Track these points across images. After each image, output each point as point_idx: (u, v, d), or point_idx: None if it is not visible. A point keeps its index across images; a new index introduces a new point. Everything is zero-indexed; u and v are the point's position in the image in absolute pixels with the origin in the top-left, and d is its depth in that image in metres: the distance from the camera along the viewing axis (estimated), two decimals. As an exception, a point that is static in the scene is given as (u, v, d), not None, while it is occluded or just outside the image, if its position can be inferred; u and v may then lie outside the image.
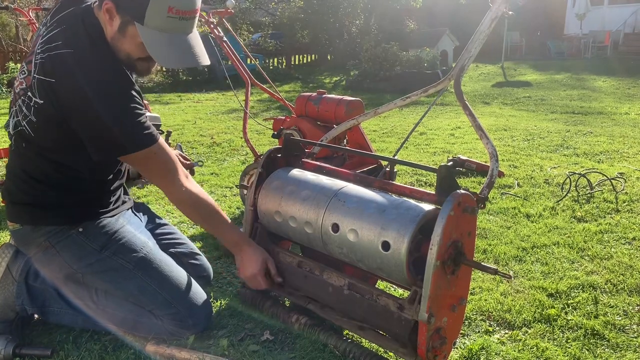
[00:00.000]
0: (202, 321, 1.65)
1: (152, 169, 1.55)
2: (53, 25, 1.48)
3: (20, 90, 1.49)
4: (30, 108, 1.45)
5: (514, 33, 16.66)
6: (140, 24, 1.37)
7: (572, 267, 2.16)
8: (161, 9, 1.35)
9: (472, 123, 1.67)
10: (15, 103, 1.52)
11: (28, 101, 1.45)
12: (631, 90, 9.13)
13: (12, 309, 1.62)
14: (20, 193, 1.57)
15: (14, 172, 1.58)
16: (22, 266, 1.63)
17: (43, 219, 1.56)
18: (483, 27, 1.80)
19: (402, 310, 1.37)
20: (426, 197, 1.46)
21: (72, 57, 1.39)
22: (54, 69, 1.39)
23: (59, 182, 1.55)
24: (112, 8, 1.39)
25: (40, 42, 1.47)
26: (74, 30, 1.43)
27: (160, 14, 1.36)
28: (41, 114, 1.43)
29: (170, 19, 1.37)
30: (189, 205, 1.62)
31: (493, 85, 10.23)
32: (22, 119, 1.48)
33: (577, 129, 5.46)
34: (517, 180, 3.42)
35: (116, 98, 1.41)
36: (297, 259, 1.67)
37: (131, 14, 1.37)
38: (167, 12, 1.36)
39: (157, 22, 1.37)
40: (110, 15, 1.40)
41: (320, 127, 2.75)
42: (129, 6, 1.37)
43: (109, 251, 1.59)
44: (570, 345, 1.62)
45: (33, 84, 1.43)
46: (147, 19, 1.36)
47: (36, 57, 1.45)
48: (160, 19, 1.37)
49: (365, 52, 10.74)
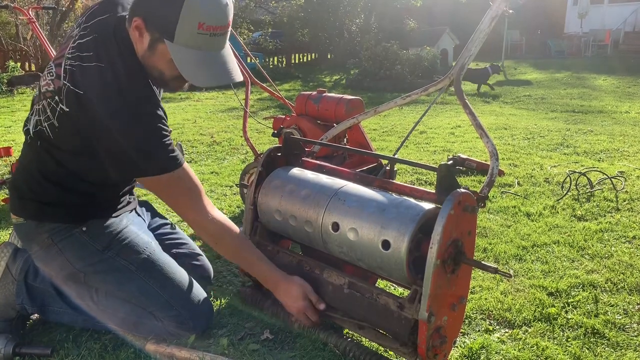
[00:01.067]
0: (203, 323, 1.65)
1: (174, 194, 1.49)
2: (87, 31, 1.45)
3: (47, 92, 1.46)
4: (55, 112, 1.43)
5: (514, 32, 16.66)
6: (170, 42, 1.34)
7: (572, 266, 2.16)
8: (191, 25, 1.31)
9: (472, 122, 1.67)
10: (40, 102, 1.49)
11: (54, 105, 1.43)
12: (631, 89, 9.12)
13: (13, 308, 1.62)
14: (28, 190, 1.56)
15: (28, 169, 1.57)
16: (22, 265, 1.63)
17: (47, 216, 1.56)
18: (483, 26, 1.80)
19: (402, 309, 1.37)
20: (426, 196, 1.46)
21: (102, 72, 1.36)
22: (84, 81, 1.37)
23: (72, 186, 1.53)
24: (141, 25, 1.36)
25: (72, 45, 1.44)
26: (106, 43, 1.40)
27: (190, 31, 1.32)
28: (65, 121, 1.41)
29: (200, 36, 1.33)
30: (214, 235, 1.56)
31: (493, 84, 10.22)
32: (44, 120, 1.46)
33: (577, 128, 5.45)
34: (518, 179, 3.42)
35: (141, 120, 1.37)
36: (297, 258, 1.67)
37: (161, 31, 1.34)
38: (197, 29, 1.31)
39: (187, 39, 1.33)
40: (140, 33, 1.37)
41: (320, 126, 2.75)
42: (159, 23, 1.34)
43: (112, 252, 1.58)
44: (571, 344, 1.61)
45: (62, 91, 1.40)
46: (177, 36, 1.32)
47: (66, 62, 1.42)
48: (190, 35, 1.32)
49: (365, 50, 10.74)
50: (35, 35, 5.50)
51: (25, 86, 9.37)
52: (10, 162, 4.06)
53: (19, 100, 8.37)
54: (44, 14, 11.16)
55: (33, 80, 9.36)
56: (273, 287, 1.61)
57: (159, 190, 1.50)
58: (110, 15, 1.47)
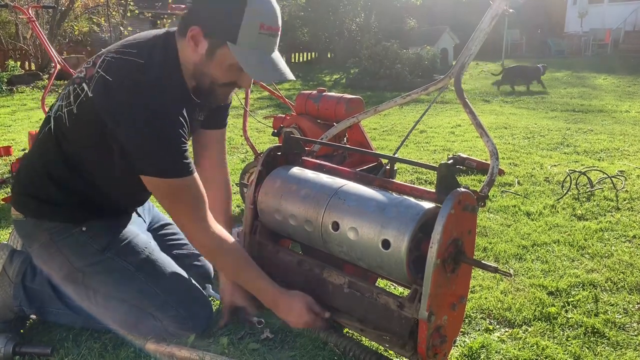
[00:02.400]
0: (203, 323, 1.65)
1: (178, 201, 1.46)
2: (135, 38, 1.50)
3: (77, 78, 1.48)
4: (77, 98, 1.43)
5: (514, 31, 16.65)
6: (233, 44, 1.37)
7: (572, 265, 2.16)
8: (254, 26, 1.35)
9: (472, 121, 1.67)
10: (67, 87, 1.50)
11: (79, 91, 1.43)
12: (631, 88, 9.12)
13: (11, 310, 1.62)
14: (30, 185, 1.56)
15: (33, 164, 1.57)
16: (19, 267, 1.62)
17: (46, 214, 1.56)
18: (483, 25, 1.79)
19: (402, 309, 1.37)
20: (426, 195, 1.46)
21: (138, 67, 1.38)
22: (119, 69, 1.39)
23: (74, 187, 1.53)
24: (199, 33, 1.38)
25: (119, 45, 1.48)
26: (152, 47, 1.44)
27: (253, 31, 1.35)
28: (85, 108, 1.41)
29: (261, 36, 1.37)
30: (212, 252, 1.56)
31: (493, 83, 10.22)
32: (65, 105, 1.46)
33: (577, 127, 5.45)
34: (518, 179, 3.42)
35: (156, 119, 1.36)
36: (297, 258, 1.66)
37: (223, 35, 1.36)
38: (259, 29, 1.36)
39: (250, 39, 1.36)
40: (196, 42, 1.39)
41: (320, 125, 2.75)
42: (220, 28, 1.37)
43: (111, 252, 1.58)
44: (571, 344, 1.61)
45: (93, 77, 1.41)
46: (240, 37, 1.35)
47: (108, 54, 1.45)
48: (254, 36, 1.36)
49: (365, 50, 10.73)
50: (35, 34, 5.49)
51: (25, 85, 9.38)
52: (10, 161, 4.05)
53: (19, 99, 8.37)
54: (44, 13, 11.14)
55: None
56: (273, 306, 1.58)
57: (164, 195, 1.47)
58: (160, 30, 1.52)
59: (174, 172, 1.41)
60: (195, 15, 1.40)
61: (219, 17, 1.36)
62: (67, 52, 11.63)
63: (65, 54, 11.02)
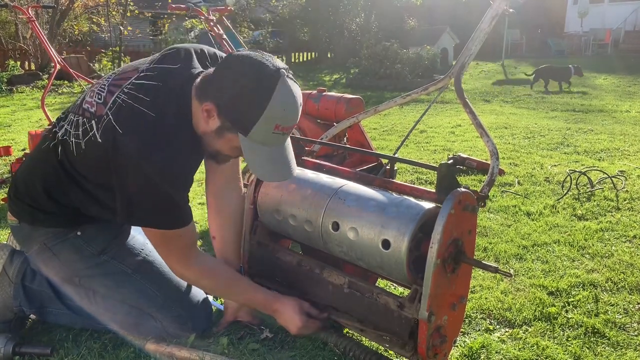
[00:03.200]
0: (203, 323, 1.64)
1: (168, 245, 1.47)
2: (154, 73, 1.42)
3: (87, 112, 1.42)
4: (86, 135, 1.39)
5: (514, 31, 16.65)
6: (244, 136, 1.32)
7: (572, 265, 2.16)
8: (269, 126, 1.29)
9: (472, 121, 1.67)
10: (77, 115, 1.45)
11: (88, 129, 1.39)
12: (632, 88, 9.12)
13: (10, 310, 1.61)
14: (26, 194, 1.54)
15: (32, 176, 1.53)
16: (19, 267, 1.62)
17: (42, 221, 1.54)
18: (483, 25, 1.79)
19: (402, 309, 1.37)
20: (426, 195, 1.46)
21: (148, 122, 1.33)
22: (127, 122, 1.34)
23: (71, 202, 1.50)
24: (213, 110, 1.32)
25: (134, 81, 1.41)
26: (166, 97, 1.37)
27: (266, 131, 1.30)
28: (92, 148, 1.38)
29: (274, 135, 1.33)
30: (196, 281, 1.57)
31: (493, 83, 10.22)
32: (73, 136, 1.43)
33: (577, 127, 5.45)
34: (518, 179, 3.42)
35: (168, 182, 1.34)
36: (297, 258, 1.66)
37: (236, 125, 1.31)
38: (274, 130, 1.30)
39: (262, 137, 1.32)
40: (209, 115, 1.33)
41: (320, 125, 2.75)
42: (235, 118, 1.30)
43: (108, 255, 1.57)
44: (571, 344, 1.61)
45: (102, 120, 1.37)
46: (253, 133, 1.30)
47: (120, 95, 1.38)
48: (266, 135, 1.31)
49: (365, 49, 10.74)
50: (35, 34, 5.49)
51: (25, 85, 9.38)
52: (9, 161, 4.05)
53: (19, 99, 8.37)
54: (44, 12, 11.14)
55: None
56: (271, 312, 1.59)
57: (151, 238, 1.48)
58: (182, 67, 1.43)
59: (169, 225, 1.40)
60: (216, 91, 1.31)
61: (237, 108, 1.29)
62: (66, 52, 11.63)
63: (65, 54, 11.01)
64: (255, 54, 1.31)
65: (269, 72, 1.27)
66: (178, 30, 13.61)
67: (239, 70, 1.29)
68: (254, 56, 1.30)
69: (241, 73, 1.28)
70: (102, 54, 12.53)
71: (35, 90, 9.40)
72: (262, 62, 1.28)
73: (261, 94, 1.26)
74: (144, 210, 1.37)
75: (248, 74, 1.27)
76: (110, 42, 12.97)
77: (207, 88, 1.34)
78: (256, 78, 1.26)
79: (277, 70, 1.27)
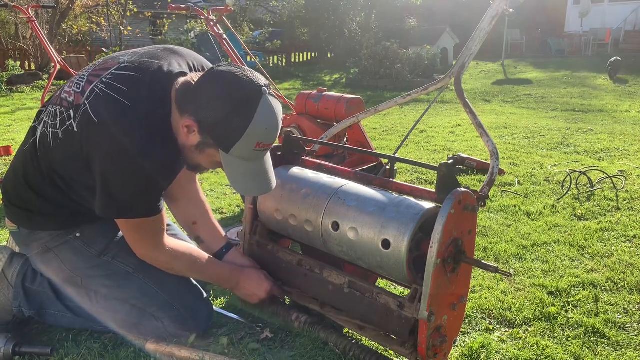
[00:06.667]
0: (204, 322, 1.64)
1: (138, 232, 1.48)
2: (133, 65, 1.41)
3: (65, 101, 1.43)
4: (63, 124, 1.39)
5: (514, 31, 16.65)
6: (225, 153, 1.34)
7: (572, 265, 2.16)
8: (250, 144, 1.31)
9: (472, 121, 1.67)
10: (55, 106, 1.45)
11: (66, 118, 1.39)
12: (632, 88, 9.12)
13: (9, 312, 1.61)
14: (17, 198, 1.54)
15: (16, 176, 1.54)
16: (19, 269, 1.61)
17: (40, 225, 1.54)
18: (483, 25, 1.79)
19: (402, 309, 1.37)
20: (426, 195, 1.46)
21: (123, 110, 1.32)
22: (103, 111, 1.33)
23: (57, 199, 1.50)
24: (194, 127, 1.32)
25: (113, 71, 1.40)
26: (143, 90, 1.36)
27: (248, 148, 1.32)
28: (69, 137, 1.38)
29: (255, 152, 1.35)
30: (165, 263, 1.57)
31: (493, 83, 10.22)
32: (51, 127, 1.42)
33: (577, 127, 5.45)
34: (518, 178, 3.42)
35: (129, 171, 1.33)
36: (297, 257, 1.66)
37: (217, 143, 1.32)
38: (255, 147, 1.32)
39: (243, 153, 1.34)
40: (189, 131, 1.34)
41: (320, 125, 2.75)
42: (217, 135, 1.31)
43: (108, 256, 1.57)
44: (571, 344, 1.61)
45: (79, 109, 1.36)
46: (234, 150, 1.32)
47: (99, 83, 1.38)
48: (247, 152, 1.33)
49: (365, 49, 10.73)
50: (35, 34, 5.49)
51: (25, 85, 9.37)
52: (9, 161, 4.06)
53: (19, 99, 8.37)
54: (44, 12, 11.14)
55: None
56: (235, 285, 1.65)
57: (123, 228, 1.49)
58: (165, 64, 1.42)
59: (140, 214, 1.41)
60: (198, 108, 1.31)
61: (219, 127, 1.30)
62: (66, 52, 11.63)
63: (65, 54, 11.01)
64: (236, 69, 1.32)
65: (251, 90, 1.29)
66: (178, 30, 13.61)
67: (220, 87, 1.30)
68: (236, 72, 1.31)
69: (223, 91, 1.29)
70: (102, 54, 12.53)
71: (35, 90, 9.40)
72: (243, 80, 1.29)
73: (243, 114, 1.28)
74: (120, 200, 1.37)
75: (230, 93, 1.28)
76: (110, 41, 12.97)
77: (188, 100, 1.35)
78: (238, 98, 1.28)
79: (258, 89, 1.29)
